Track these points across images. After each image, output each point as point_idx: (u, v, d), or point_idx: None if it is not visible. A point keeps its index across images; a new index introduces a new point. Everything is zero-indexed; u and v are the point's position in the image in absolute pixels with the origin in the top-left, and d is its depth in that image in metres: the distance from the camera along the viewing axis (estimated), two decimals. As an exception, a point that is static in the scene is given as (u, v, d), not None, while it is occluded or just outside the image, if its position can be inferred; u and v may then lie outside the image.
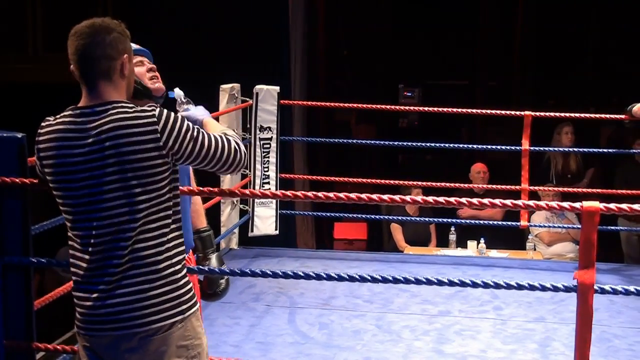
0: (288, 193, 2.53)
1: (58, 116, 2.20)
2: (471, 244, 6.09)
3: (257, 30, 7.38)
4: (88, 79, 2.16)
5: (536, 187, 5.74)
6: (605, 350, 3.84)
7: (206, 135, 2.21)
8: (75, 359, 2.94)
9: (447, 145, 5.49)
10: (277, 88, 5.52)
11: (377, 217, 6.29)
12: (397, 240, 6.67)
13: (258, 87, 5.41)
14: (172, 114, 2.17)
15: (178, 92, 2.70)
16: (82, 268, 2.15)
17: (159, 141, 2.10)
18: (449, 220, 5.99)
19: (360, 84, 9.16)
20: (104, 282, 2.12)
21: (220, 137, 2.25)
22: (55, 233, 3.54)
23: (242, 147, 2.29)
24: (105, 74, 2.16)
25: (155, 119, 2.11)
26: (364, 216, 5.94)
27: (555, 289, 2.40)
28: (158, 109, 2.14)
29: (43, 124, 2.21)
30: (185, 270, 2.22)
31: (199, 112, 2.59)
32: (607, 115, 5.32)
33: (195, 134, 2.18)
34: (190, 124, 2.19)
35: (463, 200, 2.44)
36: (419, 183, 5.97)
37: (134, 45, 2.84)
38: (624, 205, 2.34)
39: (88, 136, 2.11)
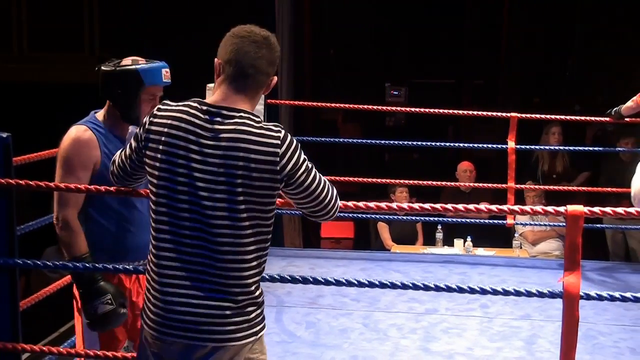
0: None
1: (180, 103, 2.11)
2: (458, 242, 6.11)
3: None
4: (238, 84, 2.11)
5: (522, 186, 5.76)
6: (591, 348, 3.87)
7: (318, 174, 2.17)
8: None
9: (433, 143, 5.51)
10: (264, 87, 5.49)
11: (363, 215, 6.27)
12: (383, 239, 6.68)
13: (245, 86, 5.39)
14: (295, 140, 2.11)
15: None
16: (172, 268, 2.08)
17: (276, 165, 2.05)
18: (436, 218, 5.99)
19: (347, 83, 9.16)
20: (193, 287, 2.06)
21: (326, 181, 2.20)
22: (41, 233, 3.54)
23: (339, 200, 2.26)
24: (256, 88, 2.14)
25: (279, 142, 2.06)
26: (350, 215, 5.93)
27: (541, 294, 2.38)
28: (283, 131, 2.09)
29: (161, 106, 2.13)
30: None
31: None
32: (592, 118, 5.34)
33: (310, 166, 2.14)
34: (306, 157, 2.14)
35: (449, 206, 2.44)
36: (406, 182, 5.96)
37: (157, 65, 2.69)
38: (607, 209, 2.34)
39: (207, 137, 2.04)
